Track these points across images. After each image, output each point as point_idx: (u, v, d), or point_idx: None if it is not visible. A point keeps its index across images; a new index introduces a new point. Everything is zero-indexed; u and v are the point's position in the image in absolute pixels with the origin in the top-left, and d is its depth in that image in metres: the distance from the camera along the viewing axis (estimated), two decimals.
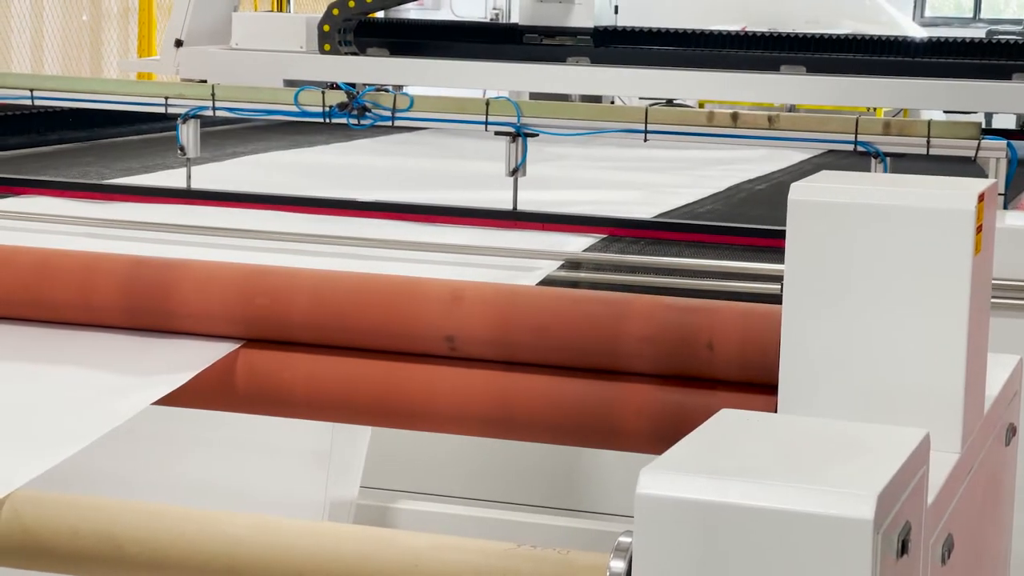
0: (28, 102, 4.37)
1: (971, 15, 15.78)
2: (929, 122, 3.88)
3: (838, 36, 6.60)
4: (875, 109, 8.37)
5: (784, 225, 2.12)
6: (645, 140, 4.01)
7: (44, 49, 11.58)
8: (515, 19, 6.94)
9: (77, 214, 3.91)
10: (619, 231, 3.78)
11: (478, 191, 4.26)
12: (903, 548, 1.75)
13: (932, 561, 1.94)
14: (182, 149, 4.08)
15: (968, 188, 2.12)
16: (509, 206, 3.87)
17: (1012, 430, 2.44)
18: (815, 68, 6.10)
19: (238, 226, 3.76)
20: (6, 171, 4.44)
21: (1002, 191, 3.78)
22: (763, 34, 6.63)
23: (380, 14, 8.20)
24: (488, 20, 13.36)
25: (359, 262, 3.46)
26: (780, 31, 6.71)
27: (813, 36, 6.49)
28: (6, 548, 2.07)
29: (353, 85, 4.20)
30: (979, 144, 3.84)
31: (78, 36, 11.95)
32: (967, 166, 3.97)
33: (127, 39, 12.39)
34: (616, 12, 7.02)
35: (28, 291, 2.68)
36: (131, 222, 3.83)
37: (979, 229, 2.09)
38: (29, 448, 2.30)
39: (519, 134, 3.87)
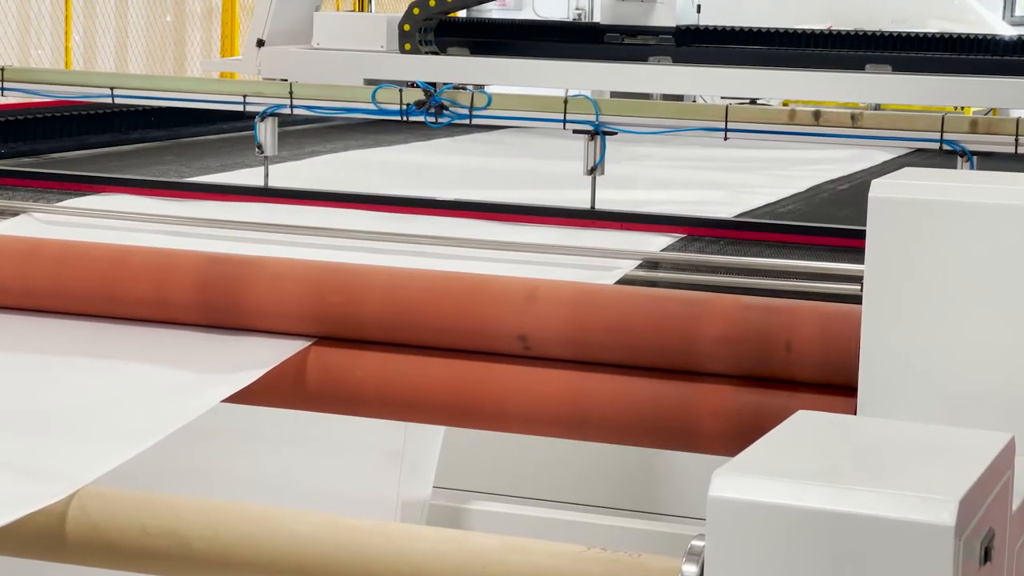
0: (108, 100, 4.39)
1: None
2: (1018, 120, 3.79)
3: (925, 35, 6.50)
4: (962, 108, 8.24)
5: (866, 225, 2.07)
6: (725, 139, 3.95)
7: (128, 50, 11.70)
8: (597, 19, 6.90)
9: (157, 212, 3.93)
10: (698, 231, 3.73)
11: (556, 190, 4.23)
12: (986, 555, 1.70)
13: (1017, 569, 1.88)
14: (260, 147, 4.08)
15: None
16: (587, 205, 3.83)
17: None
18: (901, 67, 6.00)
19: (315, 224, 3.75)
20: (88, 169, 4.48)
21: None
22: (848, 33, 6.54)
23: (461, 13, 8.19)
24: (571, 20, 13.32)
25: (436, 261, 3.43)
26: (866, 30, 6.62)
27: (899, 35, 6.39)
28: (74, 544, 2.07)
29: (432, 84, 4.17)
30: None
31: (162, 37, 12.06)
32: None
33: (210, 40, 12.49)
34: (699, 11, 6.96)
35: (104, 287, 2.69)
36: (209, 220, 3.83)
37: None
38: (99, 444, 2.30)
39: (597, 132, 3.83)
